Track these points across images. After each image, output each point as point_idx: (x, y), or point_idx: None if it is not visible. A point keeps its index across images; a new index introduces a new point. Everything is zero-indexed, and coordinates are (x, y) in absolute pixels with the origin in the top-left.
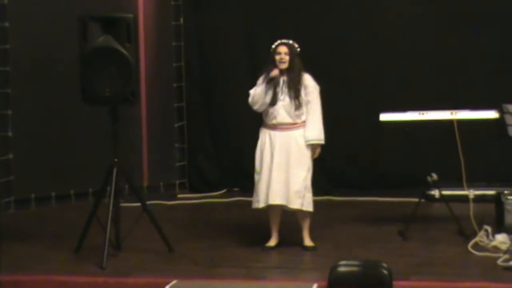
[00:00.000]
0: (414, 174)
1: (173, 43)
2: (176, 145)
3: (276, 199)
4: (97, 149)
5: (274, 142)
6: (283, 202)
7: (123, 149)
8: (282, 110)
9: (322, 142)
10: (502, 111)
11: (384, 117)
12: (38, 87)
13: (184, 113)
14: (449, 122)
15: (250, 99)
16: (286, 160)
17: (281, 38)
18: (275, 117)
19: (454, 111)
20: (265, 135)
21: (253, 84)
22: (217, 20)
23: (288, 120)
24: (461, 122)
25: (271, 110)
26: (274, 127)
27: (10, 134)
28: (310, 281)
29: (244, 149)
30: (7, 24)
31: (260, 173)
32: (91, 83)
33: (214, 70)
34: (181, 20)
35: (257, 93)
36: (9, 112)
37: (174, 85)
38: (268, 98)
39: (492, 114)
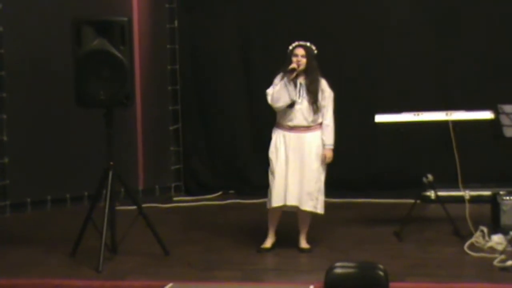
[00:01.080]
0: (410, 175)
1: (168, 46)
2: (171, 148)
3: (292, 200)
4: (92, 152)
5: (289, 144)
6: (296, 203)
7: (118, 153)
8: (299, 113)
9: (332, 146)
10: (497, 112)
11: (379, 118)
12: (32, 91)
13: (179, 116)
14: (444, 123)
15: (269, 98)
16: (301, 162)
17: (275, 40)
18: (291, 120)
19: (449, 112)
20: (279, 136)
21: (247, 86)
22: (211, 23)
23: (304, 123)
24: (456, 123)
25: (288, 112)
26: (290, 128)
27: (5, 138)
28: (306, 283)
29: (239, 152)
30: (1, 28)
31: (274, 173)
32: (86, 86)
33: (208, 73)
34: (176, 23)
35: (277, 89)
36: (4, 116)
37: (169, 88)
38: (289, 95)
39: (487, 115)
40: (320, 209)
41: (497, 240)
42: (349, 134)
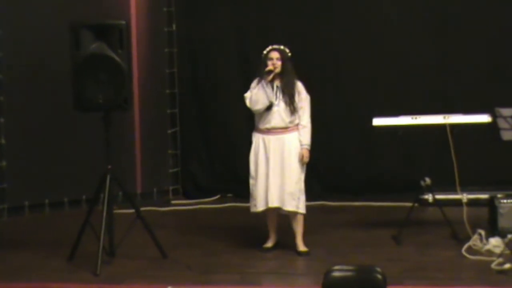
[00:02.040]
0: (407, 179)
1: (166, 50)
2: (169, 151)
3: (274, 202)
4: (90, 156)
5: (269, 146)
6: (279, 205)
7: (116, 156)
8: (277, 115)
9: (309, 147)
10: (494, 115)
11: (377, 121)
12: (31, 95)
13: (177, 119)
14: (442, 126)
15: (248, 102)
16: (281, 163)
17: (273, 44)
18: (269, 122)
19: (446, 115)
20: (258, 140)
21: (245, 90)
22: (210, 26)
23: (281, 124)
24: (453, 126)
25: (265, 114)
26: (268, 131)
27: (3, 141)
28: (305, 286)
29: (237, 155)
30: None
31: (255, 177)
32: (84, 90)
33: (207, 76)
34: (174, 26)
35: (255, 92)
36: (2, 120)
37: (167, 91)
38: (267, 97)
39: (484, 118)
40: (302, 209)
41: (495, 243)
42: (347, 137)
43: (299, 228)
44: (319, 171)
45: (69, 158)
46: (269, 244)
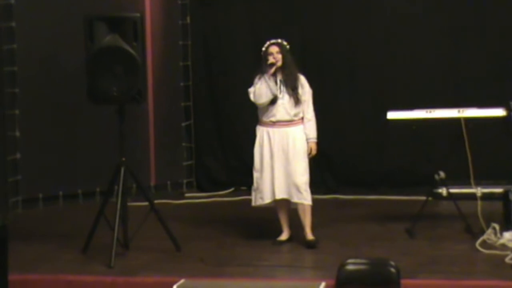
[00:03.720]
0: (421, 172)
1: (180, 42)
2: (183, 144)
3: (281, 194)
4: (105, 148)
5: (273, 139)
6: (286, 196)
7: (130, 149)
8: (282, 108)
9: (316, 140)
10: (509, 109)
11: (391, 115)
12: (45, 87)
13: (191, 112)
14: (457, 120)
15: (252, 96)
16: (285, 156)
17: (287, 37)
18: (274, 115)
19: (461, 109)
20: (263, 133)
21: None
22: (224, 19)
23: (286, 117)
24: (468, 120)
25: (269, 108)
26: (273, 124)
27: (17, 134)
28: (318, 279)
29: (251, 148)
30: (13, 24)
31: (260, 170)
32: (98, 82)
33: (220, 69)
34: (188, 19)
35: (258, 86)
36: (17, 112)
37: (181, 84)
38: (271, 90)
39: (499, 112)
40: (308, 200)
41: (509, 237)
42: (361, 131)
43: (307, 219)
44: (332, 165)
45: (83, 150)
46: (283, 237)
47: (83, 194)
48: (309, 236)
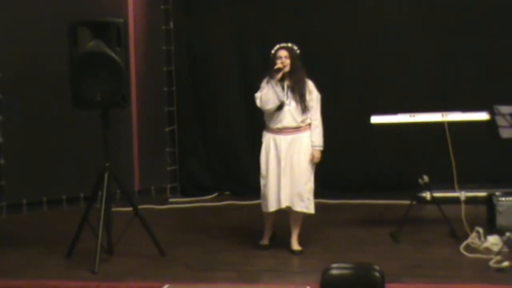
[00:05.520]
0: (406, 176)
1: (163, 47)
2: (167, 149)
3: (285, 202)
4: (88, 153)
5: (280, 146)
6: (289, 204)
7: (114, 154)
8: (288, 114)
9: (322, 148)
10: (493, 113)
11: (375, 119)
12: (28, 93)
13: (174, 117)
14: (440, 124)
15: (258, 102)
16: (291, 163)
17: (273, 41)
18: (280, 121)
19: (445, 113)
20: (269, 139)
21: (243, 88)
22: (207, 24)
23: (293, 124)
24: (452, 124)
25: (276, 114)
26: (279, 131)
27: (1, 139)
28: (303, 284)
29: (235, 153)
30: None
31: (266, 177)
32: (82, 88)
33: (204, 74)
34: (171, 24)
35: (265, 92)
36: (0, 117)
37: (165, 89)
38: (278, 97)
39: (483, 116)
40: (310, 209)
41: (493, 241)
42: (345, 135)
43: (296, 227)
44: (317, 169)
45: (67, 156)
46: (265, 241)
47: (67, 199)
48: (295, 246)
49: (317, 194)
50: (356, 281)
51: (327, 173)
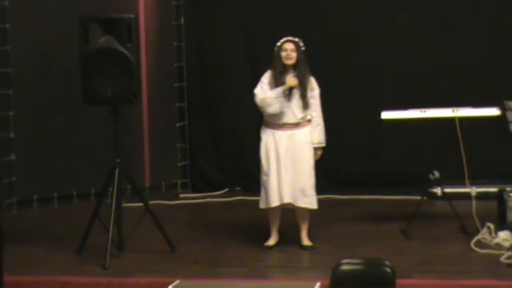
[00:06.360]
0: (416, 172)
1: (174, 43)
2: (178, 145)
3: (287, 198)
4: (99, 149)
5: (280, 141)
6: (291, 201)
7: (125, 150)
8: (289, 110)
9: (324, 144)
10: (503, 108)
11: (386, 115)
12: (39, 88)
13: (185, 113)
14: (451, 120)
15: (258, 101)
16: (292, 159)
17: (281, 37)
18: (280, 118)
19: (455, 109)
20: (269, 135)
21: (253, 83)
22: (218, 20)
23: (293, 120)
24: (462, 120)
25: None
26: (279, 126)
27: (12, 135)
28: (313, 280)
29: (245, 149)
30: (8, 25)
31: (268, 173)
32: (93, 84)
33: (215, 70)
34: (182, 20)
35: (271, 97)
36: (11, 113)
37: (175, 85)
38: (280, 106)
39: (493, 111)
40: (314, 205)
41: (504, 236)
42: (356, 131)
43: (304, 223)
44: (326, 165)
45: (77, 151)
46: (271, 242)
47: (77, 195)
48: (305, 241)
49: (326, 190)
50: (366, 276)
51: (337, 168)
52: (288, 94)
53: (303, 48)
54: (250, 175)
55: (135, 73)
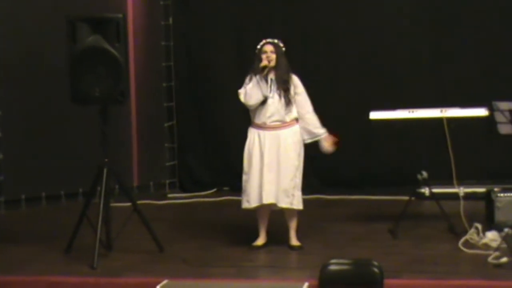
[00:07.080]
0: (404, 172)
1: (162, 43)
2: (166, 144)
3: (268, 199)
4: (87, 149)
5: (264, 141)
6: (274, 201)
7: (113, 149)
8: (272, 107)
9: (326, 133)
10: (491, 109)
11: (374, 115)
12: (27, 88)
13: (173, 113)
14: (439, 120)
15: (242, 97)
16: (276, 159)
17: (270, 36)
18: (264, 115)
19: (443, 109)
20: (253, 135)
21: (242, 83)
22: (206, 20)
23: (277, 118)
24: (450, 120)
25: (259, 108)
26: (264, 126)
27: (0, 134)
28: (301, 280)
29: (233, 149)
30: None
31: (248, 173)
32: (81, 83)
33: (203, 70)
34: (170, 20)
35: (249, 87)
36: None
37: (164, 84)
38: (262, 92)
39: (481, 112)
40: (296, 205)
41: (492, 237)
42: (344, 131)
43: (292, 223)
44: (315, 165)
45: (65, 151)
46: (259, 242)
47: (65, 195)
48: (294, 241)
49: (315, 190)
50: (355, 276)
51: (325, 168)
52: (265, 79)
53: (283, 49)
54: (239, 175)
55: (124, 72)
